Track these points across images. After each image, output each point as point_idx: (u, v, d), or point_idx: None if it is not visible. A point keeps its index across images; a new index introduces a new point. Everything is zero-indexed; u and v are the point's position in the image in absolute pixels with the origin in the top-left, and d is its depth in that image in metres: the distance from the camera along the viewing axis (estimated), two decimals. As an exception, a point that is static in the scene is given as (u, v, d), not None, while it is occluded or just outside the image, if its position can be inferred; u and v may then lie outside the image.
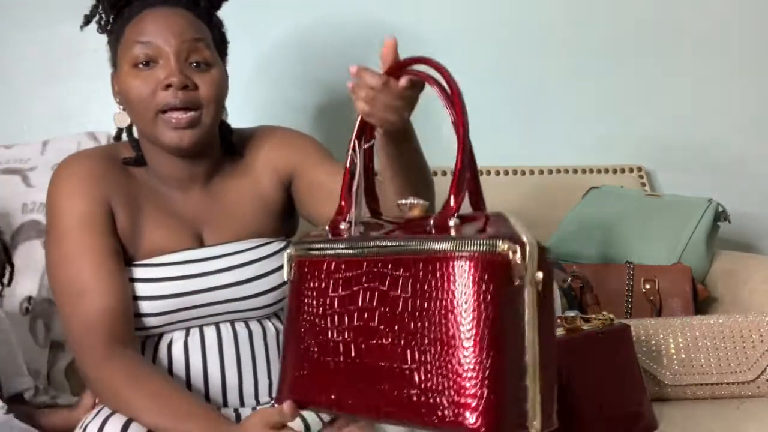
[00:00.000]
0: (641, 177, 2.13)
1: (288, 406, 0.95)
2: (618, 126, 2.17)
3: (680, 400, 1.45)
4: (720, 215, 1.86)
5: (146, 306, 1.19)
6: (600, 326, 1.28)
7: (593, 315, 1.31)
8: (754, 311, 1.57)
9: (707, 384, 1.45)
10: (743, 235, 2.19)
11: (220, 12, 1.27)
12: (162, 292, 1.19)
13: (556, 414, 0.83)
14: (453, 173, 0.86)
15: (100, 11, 1.23)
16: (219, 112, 1.21)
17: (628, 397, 1.27)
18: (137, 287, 1.19)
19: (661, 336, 1.47)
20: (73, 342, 1.16)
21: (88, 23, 1.24)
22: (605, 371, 1.25)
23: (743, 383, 1.45)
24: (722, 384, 1.45)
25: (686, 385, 1.45)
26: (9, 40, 1.84)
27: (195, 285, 1.20)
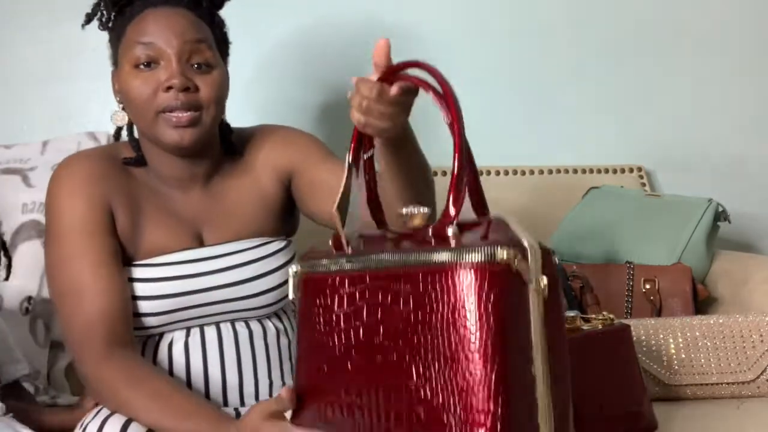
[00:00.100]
0: (641, 177, 2.13)
1: (286, 392, 0.94)
2: (618, 126, 2.17)
3: (680, 400, 1.45)
4: (720, 215, 1.86)
5: (146, 306, 1.19)
6: (600, 326, 1.28)
7: (593, 315, 1.31)
8: (754, 311, 1.56)
9: (707, 384, 1.45)
10: (743, 235, 2.19)
11: (222, 11, 1.27)
12: (161, 292, 1.19)
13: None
14: (450, 178, 0.83)
15: (102, 8, 1.23)
16: (219, 113, 1.21)
17: (628, 397, 1.27)
18: (137, 287, 1.18)
19: (661, 336, 1.47)
20: (73, 343, 1.15)
21: (90, 22, 1.24)
22: (605, 371, 1.25)
23: (743, 383, 1.45)
24: (722, 384, 1.45)
25: (686, 385, 1.45)
26: (9, 40, 1.84)
27: (194, 285, 1.20)
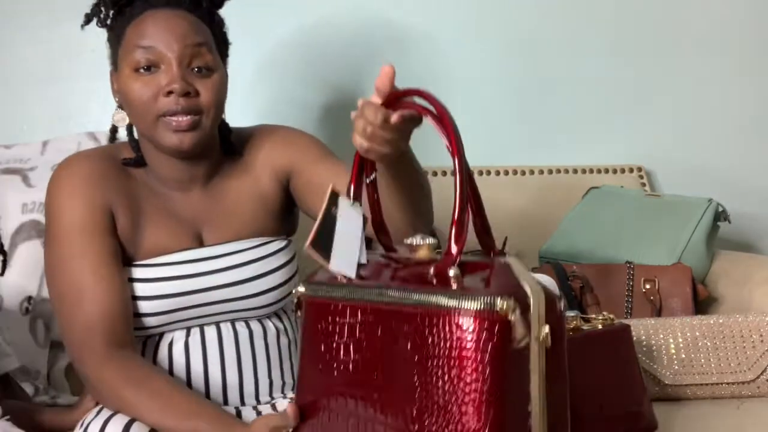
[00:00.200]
0: (641, 177, 2.13)
1: (291, 410, 0.95)
2: (618, 126, 2.17)
3: (680, 400, 1.45)
4: (720, 215, 1.86)
5: (146, 306, 1.18)
6: (600, 326, 1.28)
7: (593, 315, 1.31)
8: (754, 311, 1.57)
9: (707, 384, 1.45)
10: (743, 235, 2.19)
11: (222, 11, 1.26)
12: (162, 292, 1.19)
13: None
14: (451, 217, 0.81)
15: (101, 7, 1.22)
16: (219, 116, 1.21)
17: (628, 397, 1.27)
18: (137, 287, 1.18)
19: (661, 336, 1.47)
20: (72, 344, 1.15)
21: (89, 22, 1.23)
22: (605, 371, 1.25)
23: (743, 383, 1.45)
24: (722, 384, 1.45)
25: (686, 385, 1.45)
26: (9, 40, 1.84)
27: (194, 285, 1.20)
